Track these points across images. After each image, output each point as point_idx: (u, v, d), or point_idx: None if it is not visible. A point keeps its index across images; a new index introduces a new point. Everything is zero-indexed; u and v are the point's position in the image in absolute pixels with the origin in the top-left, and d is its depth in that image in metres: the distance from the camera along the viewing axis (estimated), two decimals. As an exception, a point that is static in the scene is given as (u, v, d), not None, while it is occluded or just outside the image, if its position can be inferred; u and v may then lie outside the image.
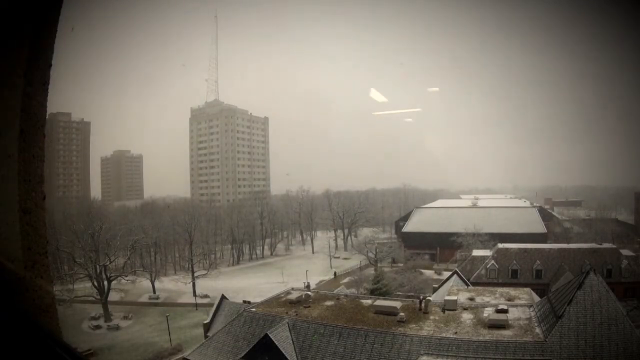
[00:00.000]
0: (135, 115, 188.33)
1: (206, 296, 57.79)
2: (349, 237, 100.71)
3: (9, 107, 1.92)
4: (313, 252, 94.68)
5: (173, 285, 61.90)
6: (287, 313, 27.50)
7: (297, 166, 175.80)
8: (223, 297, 37.56)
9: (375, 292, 43.73)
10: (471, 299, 30.69)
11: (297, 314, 27.18)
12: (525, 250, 53.06)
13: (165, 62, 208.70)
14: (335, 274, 72.17)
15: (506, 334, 22.57)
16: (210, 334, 32.06)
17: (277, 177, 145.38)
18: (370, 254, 69.99)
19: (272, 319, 26.67)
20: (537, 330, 22.64)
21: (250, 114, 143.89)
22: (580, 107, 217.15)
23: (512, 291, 34.51)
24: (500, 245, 54.99)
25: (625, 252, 52.23)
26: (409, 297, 39.79)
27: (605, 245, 54.12)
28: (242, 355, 24.45)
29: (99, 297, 52.59)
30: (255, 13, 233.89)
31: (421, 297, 29.16)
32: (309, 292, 31.22)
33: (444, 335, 23.05)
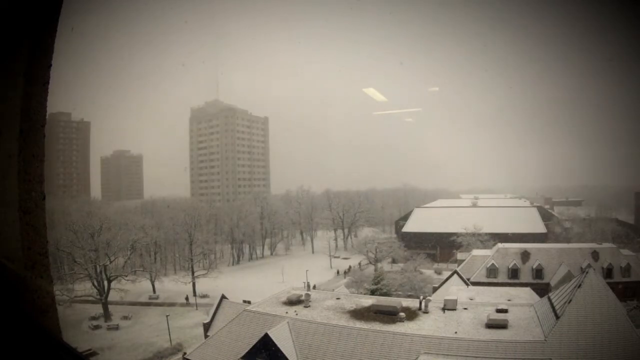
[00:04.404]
0: (135, 115, 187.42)
1: (206, 296, 57.80)
2: (349, 237, 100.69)
3: (9, 107, 1.92)
4: (313, 252, 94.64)
5: (173, 285, 61.85)
6: (287, 313, 27.52)
7: (297, 166, 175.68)
8: (223, 297, 37.60)
9: (375, 293, 43.74)
10: (471, 299, 30.74)
11: (297, 314, 27.20)
12: (525, 250, 53.07)
13: (165, 61, 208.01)
14: (337, 272, 72.59)
15: (506, 333, 22.58)
16: (210, 333, 32.07)
17: (277, 177, 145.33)
18: (370, 254, 70.06)
19: (272, 319, 26.67)
20: (537, 330, 22.62)
21: (250, 114, 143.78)
22: (581, 107, 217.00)
23: (512, 291, 34.62)
24: (500, 245, 55.00)
25: (625, 252, 52.24)
26: (409, 297, 39.82)
27: (605, 245, 54.05)
28: (242, 355, 24.44)
29: (98, 297, 52.60)
30: (255, 12, 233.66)
31: (421, 296, 29.18)
32: (309, 292, 31.18)
33: (444, 335, 23.06)
